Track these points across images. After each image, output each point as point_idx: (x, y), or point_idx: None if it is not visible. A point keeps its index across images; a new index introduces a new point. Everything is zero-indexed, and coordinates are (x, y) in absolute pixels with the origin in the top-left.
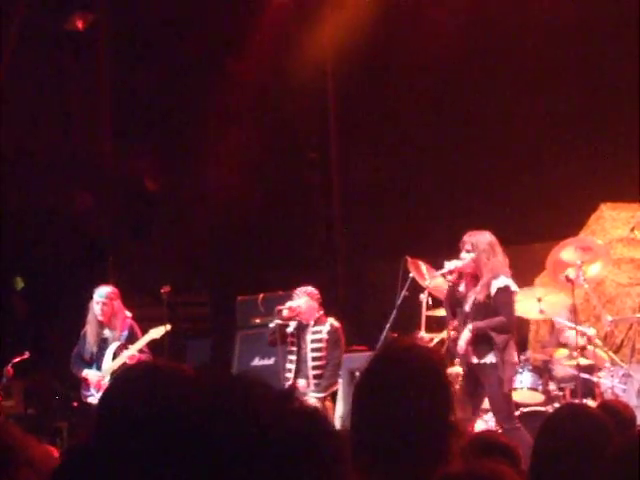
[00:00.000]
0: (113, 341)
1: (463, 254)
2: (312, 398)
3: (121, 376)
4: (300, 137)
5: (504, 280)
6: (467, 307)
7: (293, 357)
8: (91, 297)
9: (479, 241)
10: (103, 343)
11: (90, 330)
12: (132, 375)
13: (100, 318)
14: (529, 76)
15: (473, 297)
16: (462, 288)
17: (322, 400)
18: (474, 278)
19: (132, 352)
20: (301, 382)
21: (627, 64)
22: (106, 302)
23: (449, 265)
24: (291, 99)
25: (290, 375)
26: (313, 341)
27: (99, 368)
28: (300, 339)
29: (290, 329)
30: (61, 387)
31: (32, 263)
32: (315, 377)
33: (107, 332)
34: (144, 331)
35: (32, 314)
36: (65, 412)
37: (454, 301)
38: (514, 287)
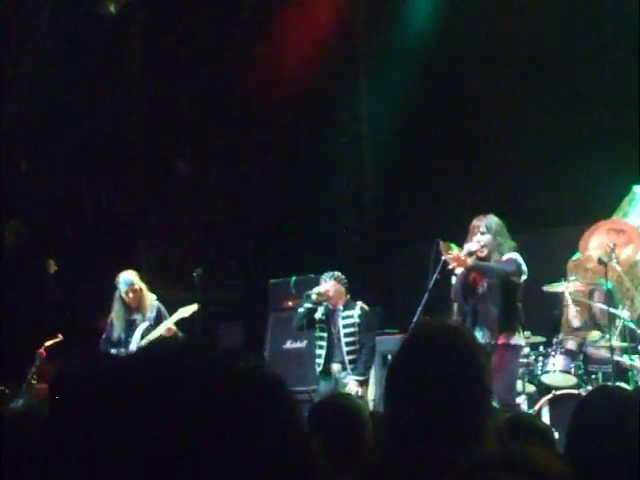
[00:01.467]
0: (140, 322)
1: (478, 236)
2: (352, 382)
3: (137, 354)
4: (332, 121)
5: (515, 254)
6: (481, 289)
7: (323, 342)
8: (115, 285)
9: (492, 223)
10: (130, 326)
11: (117, 317)
12: (150, 351)
13: (131, 304)
14: (555, 58)
15: (488, 277)
16: (471, 276)
17: (362, 382)
18: (484, 260)
19: (160, 332)
20: (335, 367)
21: None
22: (135, 288)
23: (469, 247)
24: (321, 82)
25: (320, 360)
26: (345, 326)
27: (126, 349)
28: (330, 324)
29: (318, 314)
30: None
31: (64, 247)
32: (351, 362)
33: (135, 315)
34: (172, 314)
35: (65, 297)
36: None
37: (467, 285)
38: (524, 264)
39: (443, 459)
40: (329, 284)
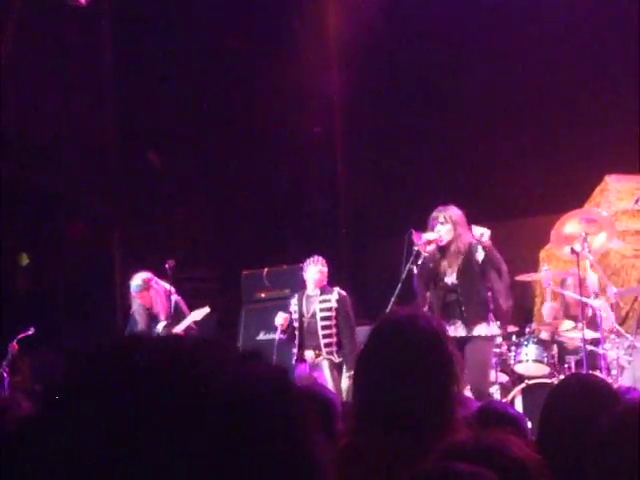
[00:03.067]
0: (162, 319)
1: (438, 227)
2: (345, 379)
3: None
4: (304, 112)
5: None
6: (449, 279)
7: (299, 328)
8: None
9: (452, 214)
10: (153, 320)
11: (138, 313)
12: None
13: (145, 305)
14: (529, 53)
15: (455, 267)
16: (431, 264)
17: (339, 371)
18: (442, 251)
19: (178, 331)
20: (308, 353)
21: (631, 37)
22: (143, 294)
23: (427, 236)
24: (295, 76)
25: (294, 349)
26: (322, 310)
27: None
28: (302, 310)
29: (292, 307)
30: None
31: (36, 240)
32: (326, 345)
33: (155, 312)
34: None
35: (36, 290)
36: None
37: (428, 275)
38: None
39: (412, 446)
40: (320, 268)
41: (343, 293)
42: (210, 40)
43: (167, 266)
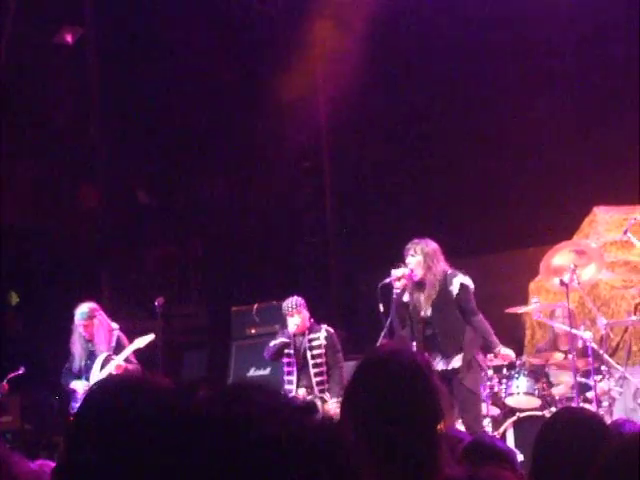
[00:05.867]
0: (100, 353)
1: (409, 259)
2: (333, 404)
3: (94, 389)
4: (293, 146)
5: (463, 277)
6: (424, 312)
7: (292, 368)
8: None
9: (423, 247)
10: (91, 356)
11: (76, 347)
12: (105, 388)
13: (86, 337)
14: (520, 82)
15: (430, 300)
16: (406, 298)
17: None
18: (419, 285)
19: (118, 362)
20: (301, 391)
21: (623, 69)
22: (87, 323)
23: (396, 272)
24: (283, 112)
25: (292, 387)
26: (312, 348)
27: (88, 380)
28: (296, 349)
29: (289, 347)
30: (58, 402)
31: (26, 278)
32: (318, 384)
33: (93, 346)
34: (132, 342)
35: (26, 329)
36: (62, 427)
37: (403, 310)
38: (472, 284)
39: None
40: (301, 315)
41: (331, 330)
42: (198, 77)
43: (156, 303)
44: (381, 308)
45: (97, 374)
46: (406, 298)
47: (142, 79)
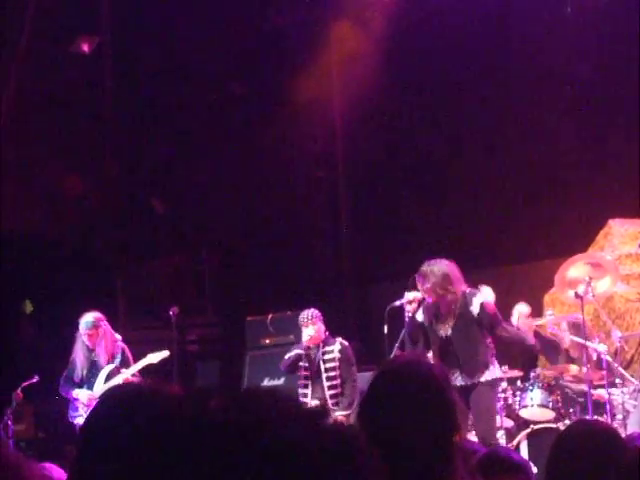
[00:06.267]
0: (103, 364)
1: (420, 287)
2: (339, 417)
3: (104, 398)
4: (307, 156)
5: (481, 295)
6: (443, 332)
7: (307, 381)
8: (77, 325)
9: (434, 268)
10: (93, 366)
11: (78, 356)
12: (116, 396)
13: (90, 346)
14: (534, 92)
15: (449, 321)
16: (420, 317)
17: (348, 417)
18: (434, 304)
19: (126, 375)
20: (314, 403)
21: (633, 77)
22: (91, 332)
23: (408, 295)
24: (297, 122)
25: (306, 399)
26: (326, 361)
27: (90, 389)
28: (311, 361)
29: (304, 359)
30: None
31: (41, 288)
32: (332, 397)
33: (96, 356)
34: (142, 354)
35: (40, 338)
36: (75, 435)
37: (416, 330)
38: (492, 296)
39: None
40: (316, 327)
41: (345, 343)
42: (211, 87)
43: (171, 313)
44: (385, 330)
45: (101, 385)
46: (420, 318)
47: (157, 88)
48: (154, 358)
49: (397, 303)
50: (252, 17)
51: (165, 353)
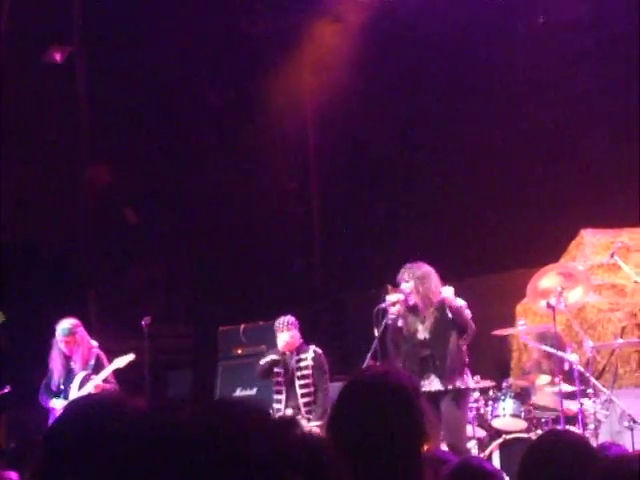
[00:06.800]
0: (79, 371)
1: (403, 284)
2: (313, 428)
3: (67, 409)
4: (279, 168)
5: (461, 300)
6: (421, 335)
7: (281, 387)
8: (54, 331)
9: (415, 271)
10: (69, 374)
11: (55, 364)
12: (79, 408)
13: (67, 353)
14: (507, 101)
15: (427, 324)
16: (400, 323)
17: (322, 427)
18: (413, 308)
19: (97, 381)
20: (288, 412)
21: (608, 91)
22: (69, 339)
23: (390, 298)
24: (271, 133)
25: (280, 406)
26: (299, 369)
27: (66, 398)
28: (285, 367)
29: (279, 365)
30: (43, 420)
31: (12, 297)
32: (305, 405)
33: (73, 363)
34: (111, 361)
35: (12, 348)
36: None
37: (398, 335)
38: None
39: None
40: (291, 333)
41: (319, 351)
42: (187, 97)
43: (143, 323)
44: (376, 332)
45: (75, 393)
46: (400, 323)
47: (131, 97)
48: (121, 362)
49: (382, 305)
50: (225, 25)
51: (130, 356)
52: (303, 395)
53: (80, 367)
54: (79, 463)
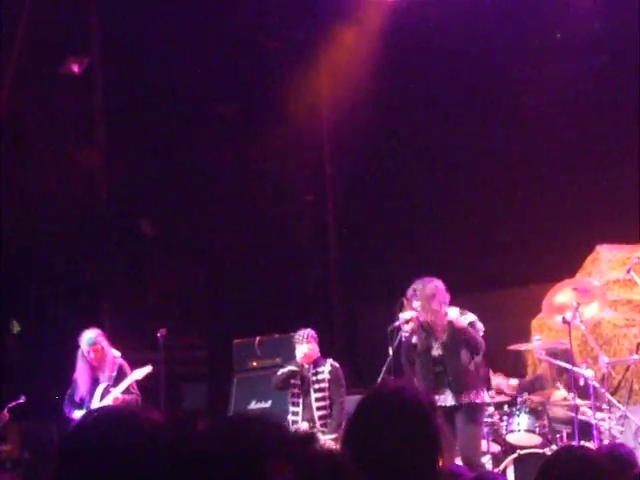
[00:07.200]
0: (103, 380)
1: (414, 303)
2: (327, 441)
3: (83, 420)
4: (296, 180)
5: (472, 316)
6: (435, 352)
7: (298, 399)
8: (79, 343)
9: (422, 290)
10: (94, 385)
11: (81, 376)
12: (91, 420)
13: (93, 363)
14: (524, 116)
15: (440, 340)
16: (414, 340)
17: (337, 440)
18: (425, 325)
19: (116, 394)
20: (303, 425)
21: (624, 105)
22: (96, 348)
23: (404, 315)
24: (286, 145)
25: (296, 418)
26: (315, 382)
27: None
28: (302, 380)
29: (297, 377)
30: (57, 431)
31: (27, 307)
32: (320, 418)
33: (100, 373)
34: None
35: (27, 358)
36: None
37: (410, 351)
38: (479, 324)
39: None
40: (310, 345)
41: (336, 365)
42: (202, 108)
43: (159, 334)
44: (390, 351)
45: (97, 404)
46: (414, 339)
47: (147, 109)
48: (138, 374)
49: (396, 324)
50: (242, 37)
51: (148, 368)
52: (319, 408)
53: (104, 376)
54: (93, 474)
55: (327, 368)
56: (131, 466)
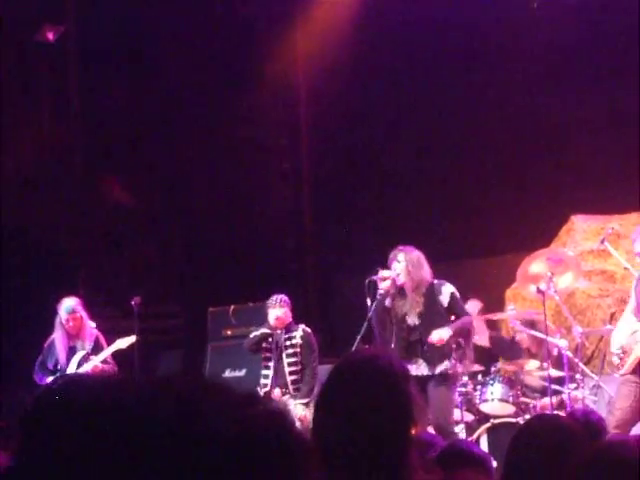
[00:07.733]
0: (80, 349)
1: (394, 265)
2: (298, 405)
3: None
4: (272, 150)
5: (451, 287)
6: (410, 320)
7: (269, 363)
8: (56, 309)
9: (406, 254)
10: (71, 353)
11: (58, 343)
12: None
13: (70, 332)
14: (500, 84)
15: (417, 308)
16: (387, 302)
17: (307, 405)
18: (401, 291)
19: (95, 362)
20: (276, 391)
21: (602, 78)
22: (75, 316)
23: (383, 272)
24: (262, 115)
25: (267, 381)
26: (287, 347)
27: None
28: (275, 343)
29: (270, 340)
30: (30, 398)
31: (1, 276)
32: (293, 382)
33: (79, 342)
34: (111, 343)
35: (1, 328)
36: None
37: (384, 314)
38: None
39: None
40: (283, 309)
41: (308, 330)
42: (178, 74)
43: (133, 303)
44: (369, 302)
45: (73, 371)
46: (387, 303)
47: (123, 79)
48: (122, 344)
49: (373, 277)
50: (217, 5)
51: (132, 338)
52: (291, 373)
53: (82, 345)
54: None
55: (299, 333)
56: (97, 431)
